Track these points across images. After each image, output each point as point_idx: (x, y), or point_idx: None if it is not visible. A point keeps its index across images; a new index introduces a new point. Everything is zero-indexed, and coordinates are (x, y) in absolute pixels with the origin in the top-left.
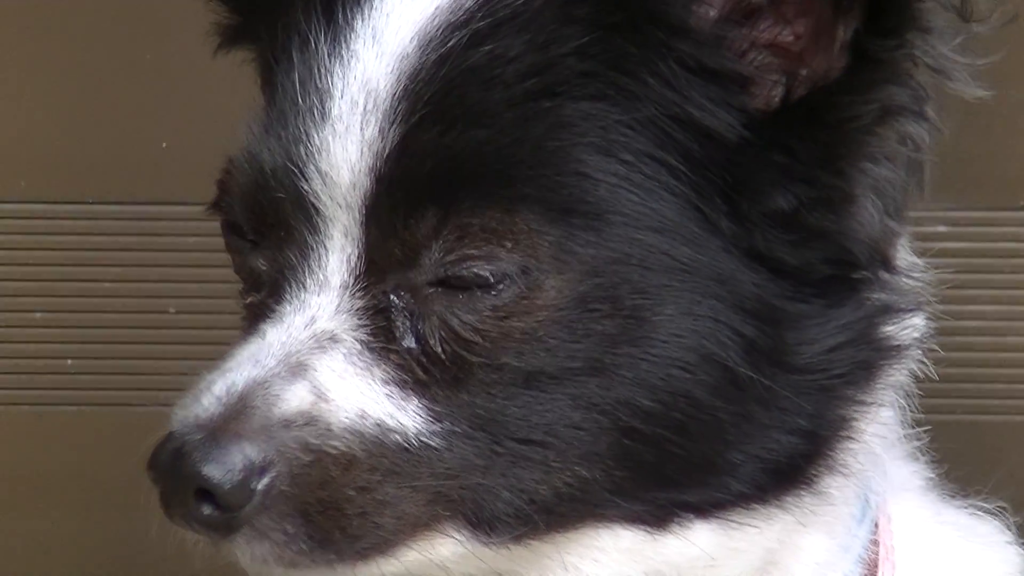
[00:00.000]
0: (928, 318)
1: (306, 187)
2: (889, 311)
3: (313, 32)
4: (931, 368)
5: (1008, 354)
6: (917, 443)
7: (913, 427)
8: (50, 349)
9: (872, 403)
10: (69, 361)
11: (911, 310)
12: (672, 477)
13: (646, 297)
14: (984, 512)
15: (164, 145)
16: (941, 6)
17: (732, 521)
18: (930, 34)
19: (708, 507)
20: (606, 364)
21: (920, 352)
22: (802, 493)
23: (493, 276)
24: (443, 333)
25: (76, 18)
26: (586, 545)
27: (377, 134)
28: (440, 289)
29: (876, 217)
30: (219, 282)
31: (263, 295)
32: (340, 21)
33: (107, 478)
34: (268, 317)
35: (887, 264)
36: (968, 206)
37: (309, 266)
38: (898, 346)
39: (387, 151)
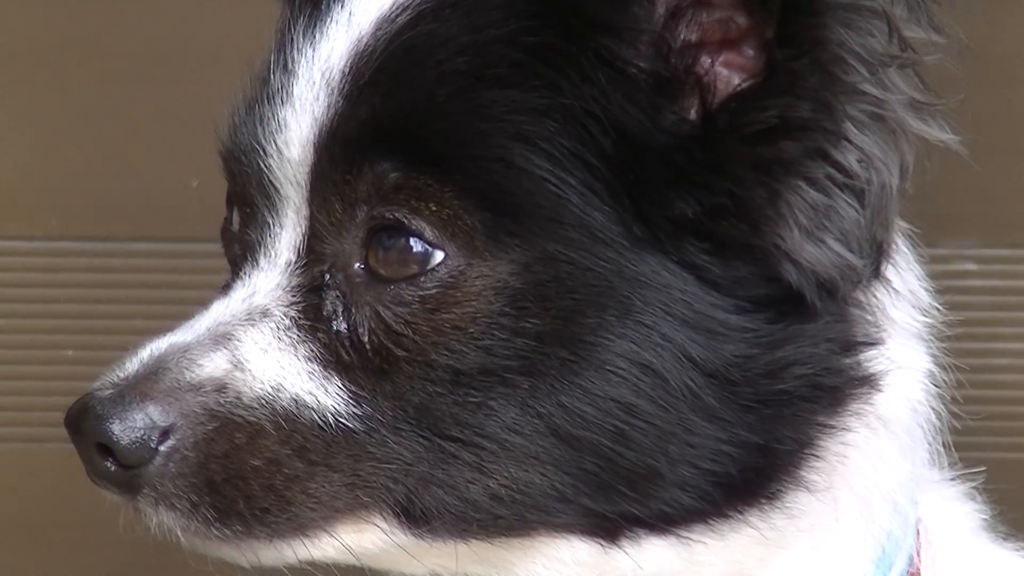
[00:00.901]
0: (942, 355)
1: (265, 165)
2: (844, 340)
3: (296, 17)
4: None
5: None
6: (973, 483)
7: (967, 466)
8: (82, 387)
9: (839, 427)
10: None
11: (869, 343)
12: (616, 487)
13: (576, 298)
14: None
15: (195, 183)
16: (860, 25)
17: (688, 537)
18: (849, 50)
19: (660, 522)
20: (538, 365)
21: (932, 390)
22: (765, 508)
23: (414, 231)
24: (373, 324)
25: (108, 59)
26: (545, 555)
27: (325, 110)
28: (368, 271)
29: (813, 243)
30: None
31: (232, 273)
32: (322, 7)
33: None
34: (225, 292)
35: (837, 295)
36: (997, 244)
37: (265, 245)
38: (866, 376)
39: (327, 123)
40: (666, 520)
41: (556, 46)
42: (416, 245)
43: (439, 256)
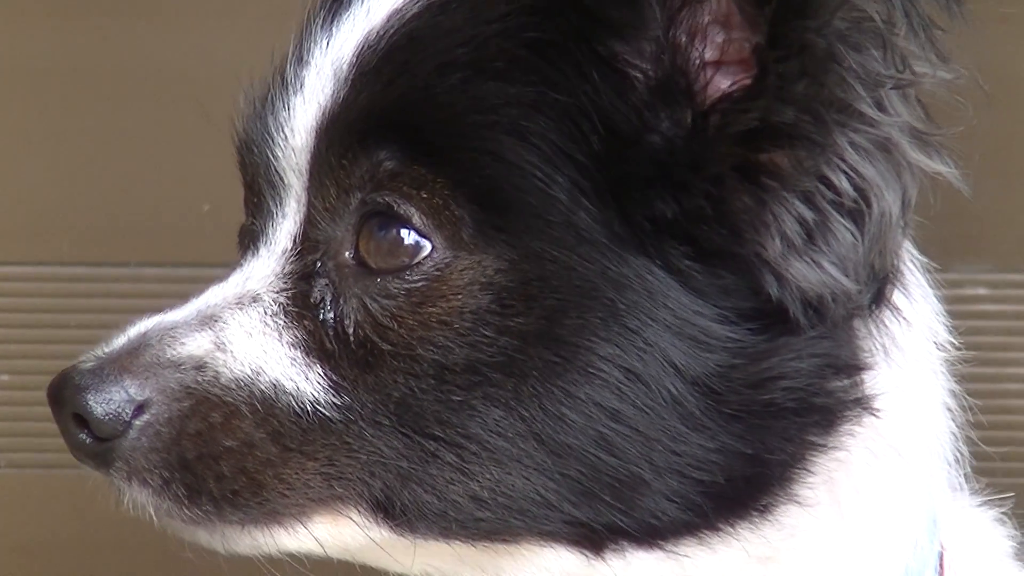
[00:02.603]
0: (956, 382)
1: (272, 154)
2: (831, 362)
3: (317, 11)
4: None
5: None
6: (1002, 509)
7: (995, 492)
8: None
9: (830, 446)
10: None
11: (858, 368)
12: (599, 495)
13: (560, 298)
14: None
15: (206, 208)
16: (856, 36)
17: (676, 551)
18: (835, 62)
19: (646, 534)
20: (522, 366)
21: (945, 417)
22: (756, 522)
23: (402, 219)
24: (359, 315)
25: (118, 83)
26: (533, 562)
27: (329, 97)
28: (357, 261)
29: (802, 261)
30: None
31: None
32: (343, 1)
33: (147, 538)
34: (226, 278)
35: (824, 317)
36: (1010, 269)
37: (266, 233)
38: (860, 399)
39: (329, 111)
40: (652, 532)
41: (555, 42)
42: (406, 237)
43: (427, 248)
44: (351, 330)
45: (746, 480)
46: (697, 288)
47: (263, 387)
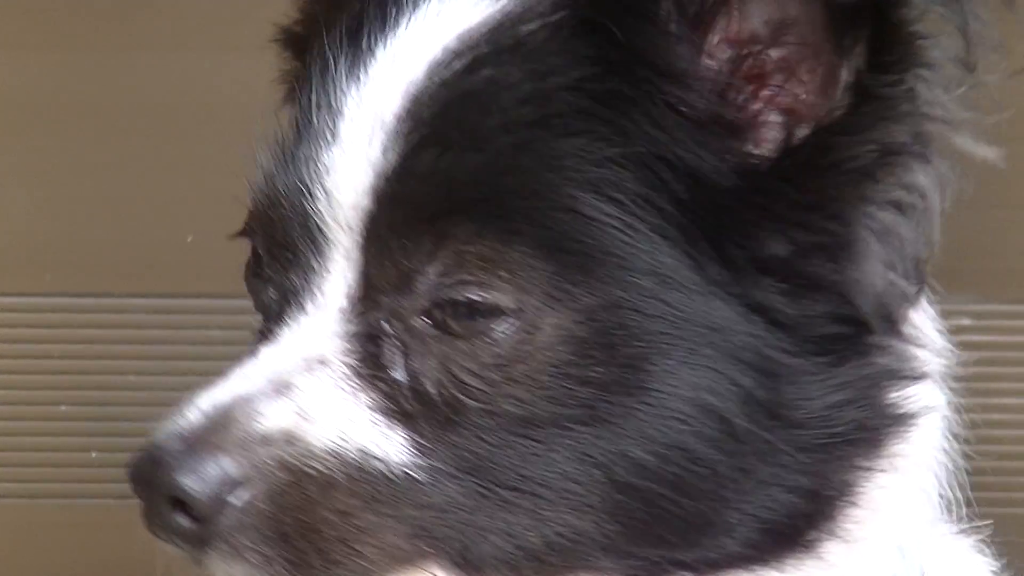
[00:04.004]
0: (952, 404)
1: (312, 207)
2: (893, 376)
3: (335, 56)
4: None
5: None
6: (981, 536)
7: (975, 520)
8: (75, 442)
9: (876, 469)
10: (94, 454)
11: (916, 378)
12: (666, 535)
13: (642, 345)
14: None
15: (189, 239)
16: (942, 46)
17: None
18: (932, 73)
19: (702, 566)
20: (601, 414)
21: (946, 435)
22: (801, 556)
23: (487, 305)
24: (440, 376)
25: (101, 115)
26: None
27: (380, 154)
28: (434, 325)
29: (882, 272)
30: None
31: (269, 322)
32: (363, 47)
33: (133, 570)
34: (267, 340)
35: (892, 326)
36: (992, 299)
37: (311, 289)
38: (903, 414)
39: (387, 171)
40: (709, 564)
41: (621, 93)
42: (486, 306)
43: (510, 312)
44: (432, 390)
45: (804, 515)
46: (780, 322)
47: (352, 455)
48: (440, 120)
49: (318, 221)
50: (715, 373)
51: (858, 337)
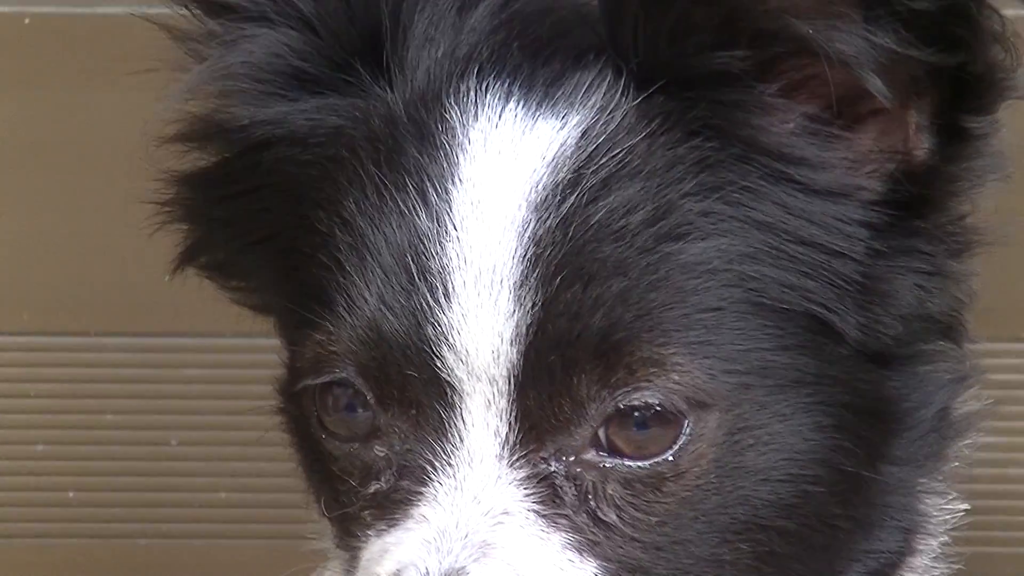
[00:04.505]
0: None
1: (440, 365)
2: (965, 379)
3: (403, 206)
4: None
5: (1010, 485)
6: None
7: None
8: (50, 482)
9: (940, 492)
10: (71, 493)
11: (973, 377)
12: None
13: (782, 420)
14: None
15: (167, 278)
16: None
17: None
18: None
19: None
20: (749, 495)
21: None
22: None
23: (670, 414)
24: (621, 502)
25: (79, 154)
26: None
27: (512, 304)
28: (603, 449)
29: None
30: (221, 413)
31: (392, 480)
32: (431, 192)
33: None
34: (414, 500)
35: (962, 333)
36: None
37: (450, 443)
38: (962, 420)
39: (531, 319)
40: None
41: (743, 186)
42: (663, 424)
43: (685, 425)
44: (614, 516)
45: (897, 553)
46: (888, 360)
47: None
48: (574, 257)
49: (447, 378)
50: (841, 431)
51: (928, 349)
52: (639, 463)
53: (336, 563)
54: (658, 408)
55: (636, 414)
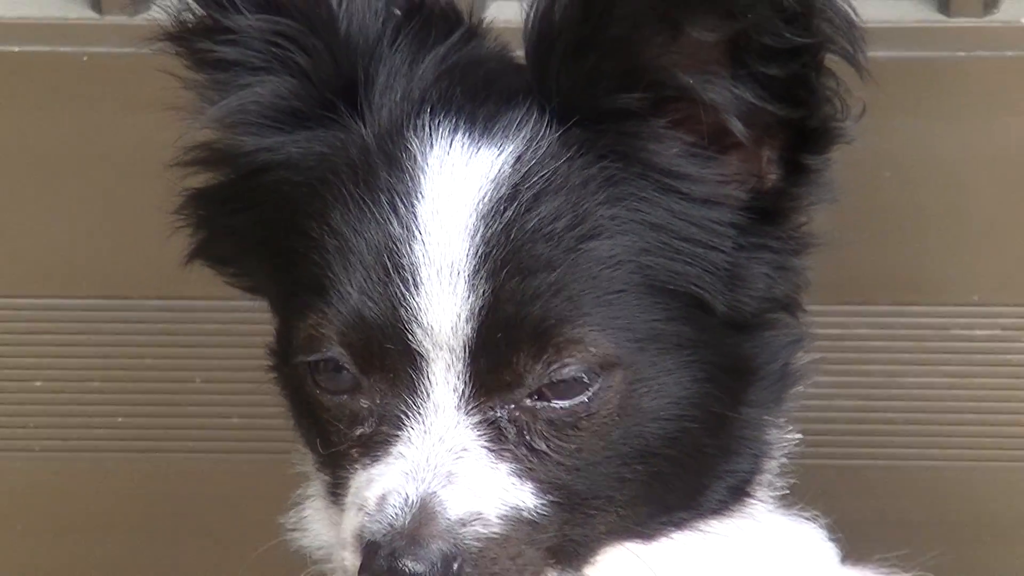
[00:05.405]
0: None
1: (411, 339)
2: (801, 341)
3: (378, 216)
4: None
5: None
6: (824, 521)
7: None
8: (106, 409)
9: (780, 426)
10: (119, 419)
11: (806, 340)
12: (672, 504)
13: (668, 374)
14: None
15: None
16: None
17: (701, 530)
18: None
19: (687, 522)
20: (643, 429)
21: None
22: (747, 502)
23: (586, 376)
24: (550, 436)
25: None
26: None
27: (467, 291)
28: (539, 399)
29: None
30: (233, 359)
31: (373, 425)
32: (400, 205)
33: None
34: (392, 441)
35: (799, 308)
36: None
37: (419, 397)
38: (798, 371)
39: (482, 302)
40: (692, 521)
41: (641, 196)
42: (582, 382)
43: (597, 380)
44: (544, 447)
45: (751, 473)
46: (746, 326)
47: (511, 513)
48: (515, 255)
49: (417, 348)
50: (713, 383)
51: (778, 316)
52: (563, 404)
53: (316, 483)
54: (580, 372)
55: (566, 377)
